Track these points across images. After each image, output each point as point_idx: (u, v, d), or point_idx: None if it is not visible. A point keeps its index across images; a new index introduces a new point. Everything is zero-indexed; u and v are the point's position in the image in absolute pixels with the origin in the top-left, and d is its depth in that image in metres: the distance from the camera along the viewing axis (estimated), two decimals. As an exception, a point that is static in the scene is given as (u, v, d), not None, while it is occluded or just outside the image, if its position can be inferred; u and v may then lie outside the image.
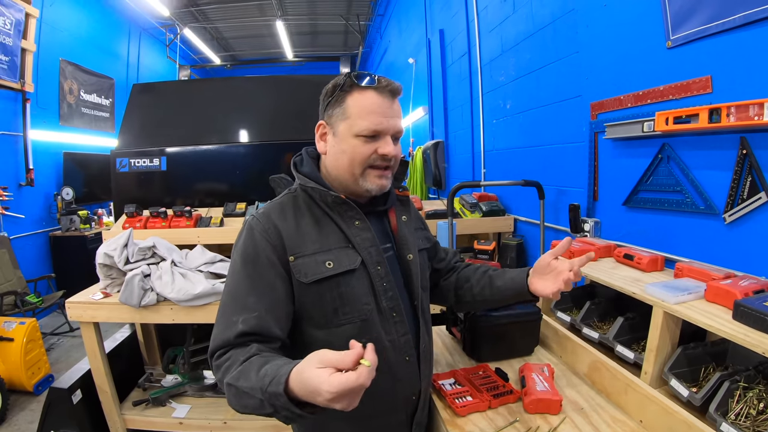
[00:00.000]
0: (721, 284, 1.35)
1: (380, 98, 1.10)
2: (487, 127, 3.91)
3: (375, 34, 10.80)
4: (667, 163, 1.87)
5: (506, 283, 1.33)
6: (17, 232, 5.38)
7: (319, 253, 1.11)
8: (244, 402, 0.93)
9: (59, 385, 2.53)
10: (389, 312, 1.16)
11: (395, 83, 1.13)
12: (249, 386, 0.90)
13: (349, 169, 1.13)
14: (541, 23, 2.85)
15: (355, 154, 1.11)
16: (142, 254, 2.51)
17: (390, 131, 1.12)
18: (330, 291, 1.11)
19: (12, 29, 5.10)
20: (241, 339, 1.02)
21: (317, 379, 0.79)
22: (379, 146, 1.11)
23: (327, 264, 1.11)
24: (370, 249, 1.15)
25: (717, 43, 1.62)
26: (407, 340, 1.19)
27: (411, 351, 1.20)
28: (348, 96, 1.11)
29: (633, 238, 2.10)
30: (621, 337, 1.62)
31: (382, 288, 1.15)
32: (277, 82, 4.39)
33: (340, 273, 1.11)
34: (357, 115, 1.09)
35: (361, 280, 1.14)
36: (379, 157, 1.12)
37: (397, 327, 1.17)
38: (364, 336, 1.09)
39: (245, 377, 0.92)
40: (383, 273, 1.16)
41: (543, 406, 1.29)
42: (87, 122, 7.06)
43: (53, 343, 4.79)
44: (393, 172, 1.18)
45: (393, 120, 1.12)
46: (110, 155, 3.43)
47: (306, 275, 1.09)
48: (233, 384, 0.93)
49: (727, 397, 1.18)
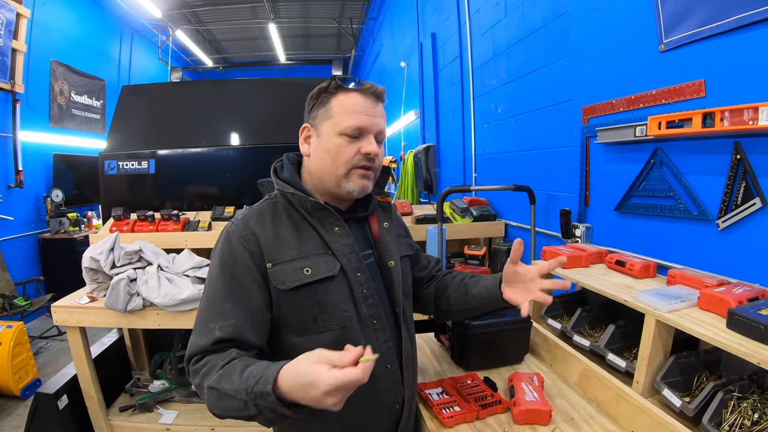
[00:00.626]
0: (715, 292, 1.32)
1: (364, 99, 1.12)
2: (479, 131, 3.88)
3: (368, 37, 10.79)
4: (659, 168, 1.84)
5: (481, 291, 1.29)
6: (6, 235, 5.33)
7: (297, 259, 1.11)
8: (224, 404, 0.92)
9: (45, 390, 2.50)
10: (369, 319, 1.15)
11: (379, 87, 1.15)
12: (232, 388, 0.89)
13: (333, 169, 1.13)
14: (533, 27, 2.82)
15: (338, 153, 1.11)
16: (128, 258, 2.48)
17: (373, 130, 1.13)
18: (308, 298, 1.10)
19: (2, 29, 5.07)
20: (218, 345, 1.01)
21: (315, 373, 0.79)
22: (363, 145, 1.12)
23: (305, 270, 1.10)
24: (350, 255, 1.14)
25: (710, 47, 1.60)
26: (388, 347, 1.18)
27: (392, 359, 1.18)
28: (333, 97, 1.13)
29: (625, 243, 2.07)
30: (612, 345, 1.58)
31: (362, 295, 1.14)
32: (268, 84, 4.37)
33: (319, 280, 1.10)
34: (341, 113, 1.11)
35: (340, 287, 1.13)
36: (362, 157, 1.12)
37: (378, 334, 1.16)
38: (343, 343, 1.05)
39: (227, 380, 0.91)
40: (363, 280, 1.15)
41: (532, 417, 1.26)
42: (77, 124, 7.01)
43: (41, 347, 4.75)
44: (375, 175, 1.17)
45: (376, 119, 1.13)
46: (98, 157, 3.38)
47: (284, 282, 1.08)
48: (214, 387, 0.92)
49: (720, 407, 1.15)
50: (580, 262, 1.92)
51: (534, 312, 2.06)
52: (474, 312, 1.36)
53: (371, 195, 1.27)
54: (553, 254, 1.98)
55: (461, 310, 1.36)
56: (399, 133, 7.11)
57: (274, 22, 9.72)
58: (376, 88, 1.14)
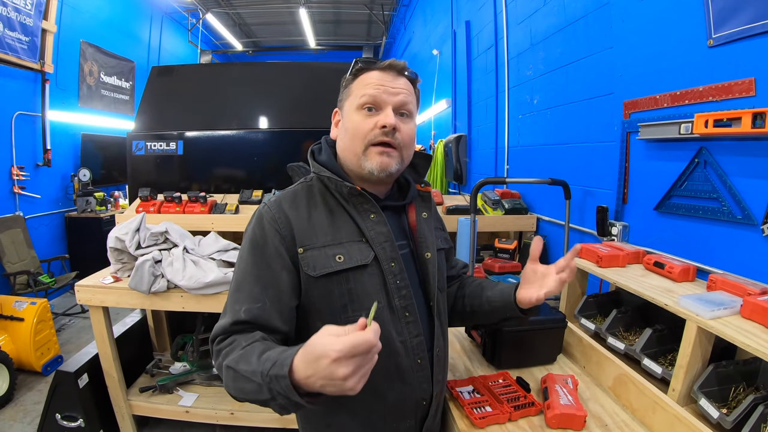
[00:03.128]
0: (759, 300, 1.27)
1: (381, 73, 1.11)
2: (512, 123, 3.81)
3: (399, 24, 10.68)
4: (703, 168, 1.78)
5: (495, 294, 1.26)
6: (32, 212, 5.44)
7: (330, 246, 1.08)
8: (240, 386, 0.91)
9: (66, 368, 2.56)
10: (402, 311, 1.11)
11: (400, 61, 1.13)
12: (249, 370, 0.87)
13: (351, 147, 1.11)
14: (573, 16, 2.75)
15: (356, 129, 1.09)
16: (154, 239, 2.50)
17: (390, 101, 1.09)
18: (339, 286, 1.08)
19: (33, 10, 5.15)
20: (242, 326, 1.01)
21: (323, 344, 0.76)
22: (380, 118, 1.08)
23: (337, 258, 1.07)
24: (385, 244, 1.11)
25: (762, 44, 1.53)
26: (420, 341, 1.14)
27: (424, 354, 1.15)
28: (355, 79, 1.14)
29: (663, 245, 2.02)
30: (648, 350, 1.55)
31: (395, 286, 1.11)
32: (298, 68, 4.34)
33: (351, 268, 1.08)
34: (358, 89, 1.11)
35: (373, 276, 1.10)
36: (379, 132, 1.08)
37: (410, 327, 1.13)
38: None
39: (245, 361, 0.90)
40: (397, 270, 1.11)
41: (566, 421, 1.25)
42: (106, 104, 7.12)
43: (64, 324, 4.84)
44: (401, 154, 1.13)
45: (394, 91, 1.10)
46: (127, 138, 3.42)
47: (315, 269, 1.06)
48: (232, 367, 0.92)
49: (760, 422, 1.11)
50: (618, 262, 1.87)
51: (568, 312, 2.04)
52: (487, 317, 1.34)
53: (410, 183, 1.25)
54: (590, 252, 1.94)
55: (473, 312, 1.34)
56: (429, 122, 7.05)
57: (305, 6, 9.69)
58: (395, 62, 1.12)
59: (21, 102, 5.28)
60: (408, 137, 1.12)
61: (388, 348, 1.08)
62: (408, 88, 1.13)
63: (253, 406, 2.63)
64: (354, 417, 1.15)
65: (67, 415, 2.55)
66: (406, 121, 1.12)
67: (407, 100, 1.12)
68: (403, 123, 1.11)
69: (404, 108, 1.11)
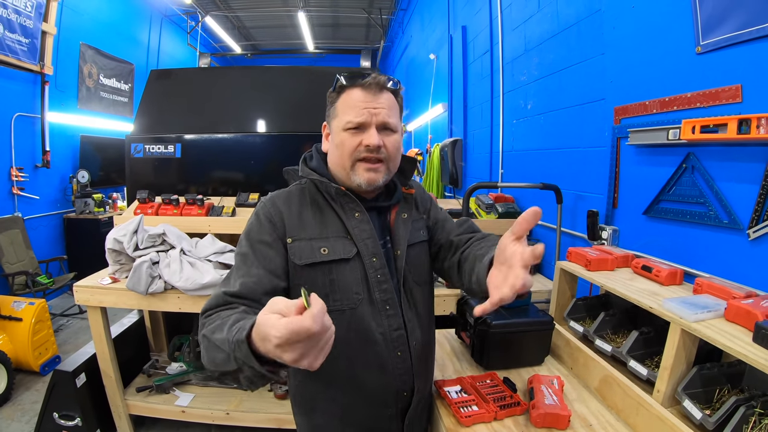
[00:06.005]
0: (742, 304, 1.30)
1: (364, 93, 1.15)
2: (507, 127, 3.84)
3: (397, 28, 10.73)
4: (691, 173, 1.81)
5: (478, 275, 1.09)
6: (31, 213, 5.44)
7: (316, 239, 1.17)
8: (212, 355, 0.90)
9: (64, 367, 2.58)
10: (382, 304, 1.18)
11: (382, 76, 1.17)
12: (221, 338, 0.87)
13: (341, 162, 1.18)
14: (566, 23, 2.78)
15: (343, 147, 1.16)
16: (151, 241, 2.53)
17: (373, 122, 1.14)
18: (322, 276, 1.16)
19: (33, 12, 5.16)
20: (232, 299, 1.06)
21: (265, 324, 0.72)
22: (364, 138, 1.14)
23: (322, 250, 1.16)
24: (367, 241, 1.19)
25: (749, 51, 1.56)
26: (400, 335, 1.20)
27: (404, 347, 1.21)
28: (339, 96, 1.19)
29: (652, 248, 2.04)
30: (634, 352, 1.58)
31: (375, 279, 1.18)
32: (297, 72, 4.36)
33: (334, 260, 1.16)
34: (342, 111, 1.16)
35: (355, 270, 1.18)
36: (364, 149, 1.14)
37: (390, 321, 1.19)
38: (353, 324, 1.15)
39: (219, 330, 0.90)
40: (378, 265, 1.19)
41: (550, 421, 1.26)
42: (105, 106, 7.12)
43: (62, 324, 4.84)
44: (388, 166, 1.18)
45: (376, 110, 1.14)
46: (125, 140, 3.43)
47: (300, 258, 1.15)
48: (207, 336, 0.93)
49: (741, 423, 1.14)
50: (606, 265, 1.90)
51: (557, 314, 2.06)
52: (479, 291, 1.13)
53: (397, 186, 1.31)
54: (579, 255, 1.97)
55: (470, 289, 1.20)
56: (426, 126, 7.08)
57: (304, 10, 9.73)
58: (378, 77, 1.16)
59: (20, 103, 5.29)
60: (393, 149, 1.18)
61: (366, 338, 1.16)
62: (390, 103, 1.18)
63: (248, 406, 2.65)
64: (335, 402, 1.23)
65: (65, 414, 2.57)
66: (389, 134, 1.17)
67: (388, 119, 1.16)
68: (386, 137, 1.16)
69: (386, 124, 1.16)
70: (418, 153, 6.36)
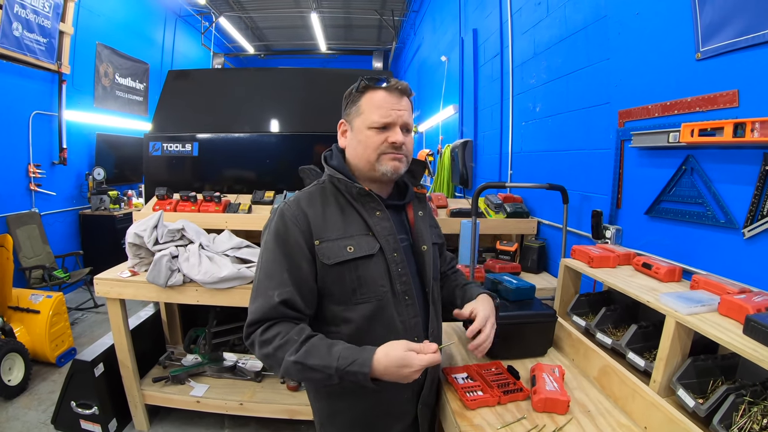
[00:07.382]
0: (735, 298, 1.37)
1: (389, 95, 1.27)
2: (516, 129, 3.91)
3: (409, 30, 10.79)
4: (690, 174, 1.88)
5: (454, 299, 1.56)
6: (48, 209, 5.60)
7: (342, 238, 1.26)
8: (307, 375, 1.14)
9: (83, 357, 2.67)
10: (402, 295, 1.29)
11: (404, 83, 1.30)
12: (321, 364, 1.11)
13: (365, 155, 1.29)
14: (574, 28, 2.85)
15: (369, 143, 1.27)
16: (171, 236, 2.61)
17: (398, 122, 1.27)
18: (350, 273, 1.25)
19: (51, 12, 5.29)
20: (281, 309, 1.20)
21: (409, 357, 1.10)
22: (389, 135, 1.27)
23: (348, 248, 1.25)
24: (388, 237, 1.29)
25: (746, 57, 1.62)
26: (417, 322, 1.33)
27: (420, 333, 1.33)
28: (362, 96, 1.30)
29: (653, 247, 2.11)
30: (633, 345, 1.65)
31: (397, 273, 1.29)
32: (310, 74, 4.46)
33: (360, 257, 1.25)
34: (369, 110, 1.27)
35: (379, 264, 1.27)
36: (389, 145, 1.27)
37: (409, 309, 1.31)
38: (378, 314, 1.26)
39: (314, 356, 1.13)
40: (399, 259, 1.29)
41: (551, 406, 1.34)
42: (121, 105, 7.27)
43: (77, 318, 4.96)
44: (407, 159, 1.33)
45: (401, 112, 1.28)
46: (144, 138, 3.53)
47: (329, 258, 1.24)
48: (300, 362, 1.13)
49: (731, 410, 1.20)
50: (608, 263, 1.98)
51: (561, 309, 2.14)
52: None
53: (408, 186, 1.44)
54: (582, 253, 2.05)
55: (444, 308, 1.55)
56: (437, 127, 7.14)
57: (317, 11, 9.84)
58: (401, 84, 1.29)
59: (38, 102, 5.45)
60: (410, 147, 1.34)
61: (389, 327, 1.27)
62: (408, 107, 1.32)
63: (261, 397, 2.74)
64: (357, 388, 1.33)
65: (83, 403, 2.66)
66: (407, 135, 1.31)
67: (409, 120, 1.31)
68: (406, 136, 1.30)
69: (407, 126, 1.30)
70: (429, 153, 6.43)
